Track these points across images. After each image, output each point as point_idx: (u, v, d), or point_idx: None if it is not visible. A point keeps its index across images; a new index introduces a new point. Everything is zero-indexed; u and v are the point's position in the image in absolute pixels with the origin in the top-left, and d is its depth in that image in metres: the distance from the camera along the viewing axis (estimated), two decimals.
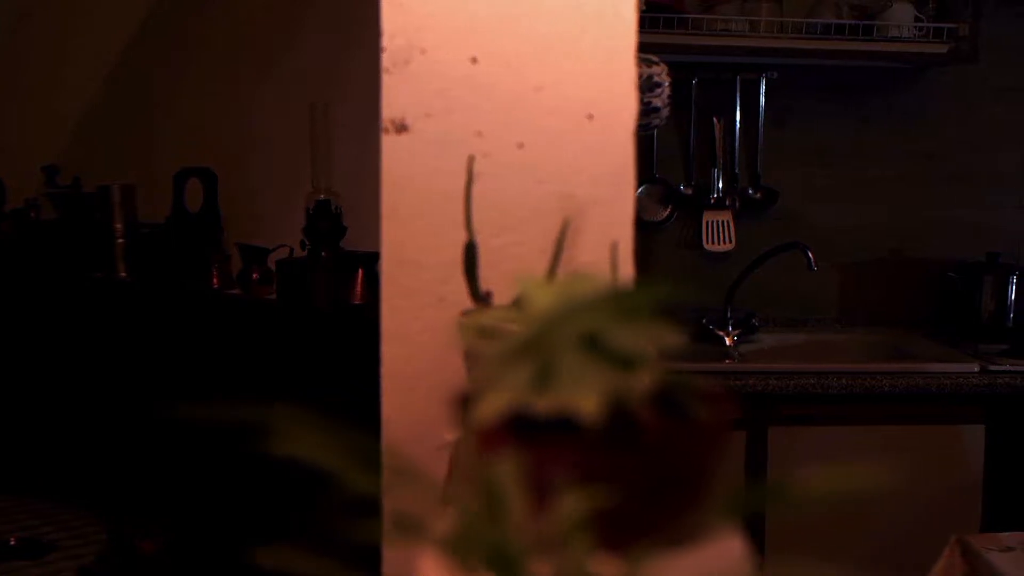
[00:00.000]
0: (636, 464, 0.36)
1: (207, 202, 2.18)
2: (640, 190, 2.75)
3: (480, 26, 0.86)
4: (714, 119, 2.74)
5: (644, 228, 2.77)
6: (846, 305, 2.84)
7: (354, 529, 0.29)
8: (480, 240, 0.88)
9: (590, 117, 0.87)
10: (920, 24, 2.55)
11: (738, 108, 2.74)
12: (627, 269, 0.88)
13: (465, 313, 0.80)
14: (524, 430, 0.35)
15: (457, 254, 0.82)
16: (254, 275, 1.96)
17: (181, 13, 2.32)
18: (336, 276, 1.85)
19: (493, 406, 0.35)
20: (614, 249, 0.80)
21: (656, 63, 1.23)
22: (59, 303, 2.30)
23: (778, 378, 2.30)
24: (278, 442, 0.30)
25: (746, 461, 2.32)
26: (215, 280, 2.03)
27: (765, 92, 2.74)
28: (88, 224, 2.30)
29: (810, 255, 2.55)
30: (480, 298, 0.82)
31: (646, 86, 1.21)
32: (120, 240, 2.24)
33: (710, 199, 2.75)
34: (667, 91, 1.23)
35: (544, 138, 0.87)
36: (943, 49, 2.53)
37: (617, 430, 0.35)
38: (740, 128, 2.75)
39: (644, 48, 2.62)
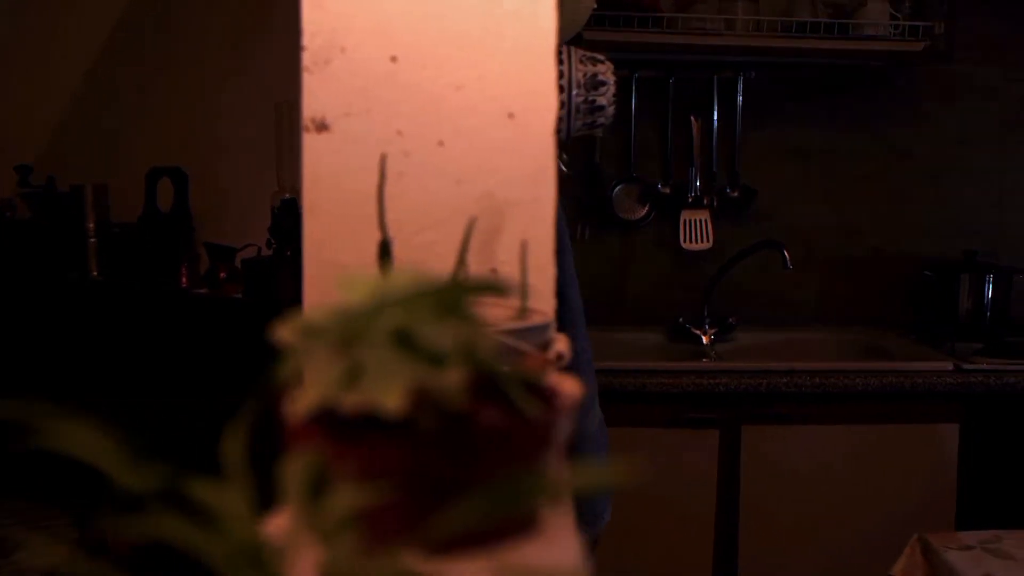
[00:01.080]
0: (437, 459, 0.36)
1: (178, 201, 2.18)
2: (618, 189, 2.75)
3: (400, 25, 0.86)
4: (692, 118, 2.74)
5: (622, 227, 2.77)
6: (824, 304, 2.84)
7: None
8: (401, 239, 0.88)
9: (510, 116, 0.87)
10: (896, 22, 2.55)
11: (716, 107, 2.74)
12: (548, 269, 0.87)
13: None
14: (331, 426, 0.35)
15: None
16: (221, 274, 1.96)
17: (152, 15, 2.32)
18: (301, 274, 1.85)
19: (303, 402, 0.35)
20: (523, 248, 0.80)
21: (602, 62, 1.23)
22: (33, 303, 2.31)
23: (751, 377, 2.30)
24: (42, 437, 0.30)
25: (719, 460, 2.32)
26: (184, 279, 2.04)
27: (743, 91, 2.74)
28: (62, 224, 2.30)
29: (786, 254, 2.54)
30: None
31: (590, 84, 1.22)
32: (93, 240, 2.24)
33: (688, 198, 2.75)
34: (612, 89, 1.23)
35: (464, 137, 0.87)
36: (919, 47, 2.53)
37: (422, 426, 0.35)
38: (718, 127, 2.75)
39: (621, 47, 2.64)
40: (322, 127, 0.87)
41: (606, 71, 1.23)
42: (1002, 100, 2.78)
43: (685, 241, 2.73)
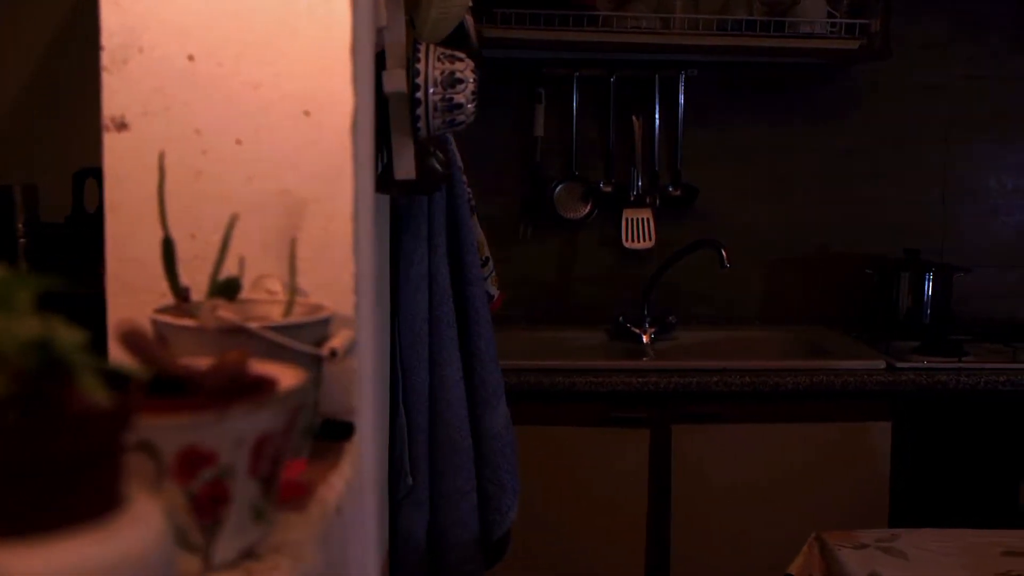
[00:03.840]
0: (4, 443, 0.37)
1: (103, 202, 2.19)
2: (559, 188, 2.75)
3: (196, 24, 0.87)
4: (633, 117, 2.74)
5: (564, 226, 2.77)
6: (768, 303, 2.83)
7: None
8: (201, 236, 0.89)
9: (307, 113, 0.87)
10: (833, 20, 2.54)
11: (657, 106, 2.74)
12: (347, 264, 0.88)
13: (160, 310, 0.80)
14: None
15: (180, 249, 0.83)
16: None
17: (81, 15, 2.32)
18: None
19: None
20: (292, 245, 0.80)
21: (461, 59, 1.23)
22: None
23: (680, 376, 2.29)
24: None
25: (649, 459, 2.32)
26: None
27: (684, 90, 2.73)
28: None
29: (723, 253, 2.54)
30: (179, 293, 0.82)
31: (447, 82, 1.22)
32: (22, 240, 2.25)
33: (630, 197, 2.75)
34: (471, 87, 1.23)
35: (262, 135, 0.87)
36: (855, 45, 2.52)
37: None
38: (660, 126, 2.75)
39: (558, 46, 2.63)
40: (122, 126, 0.88)
41: (465, 69, 1.23)
42: (945, 98, 2.77)
43: (627, 240, 2.73)
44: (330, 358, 0.79)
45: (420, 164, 1.33)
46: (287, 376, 0.66)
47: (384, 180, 1.28)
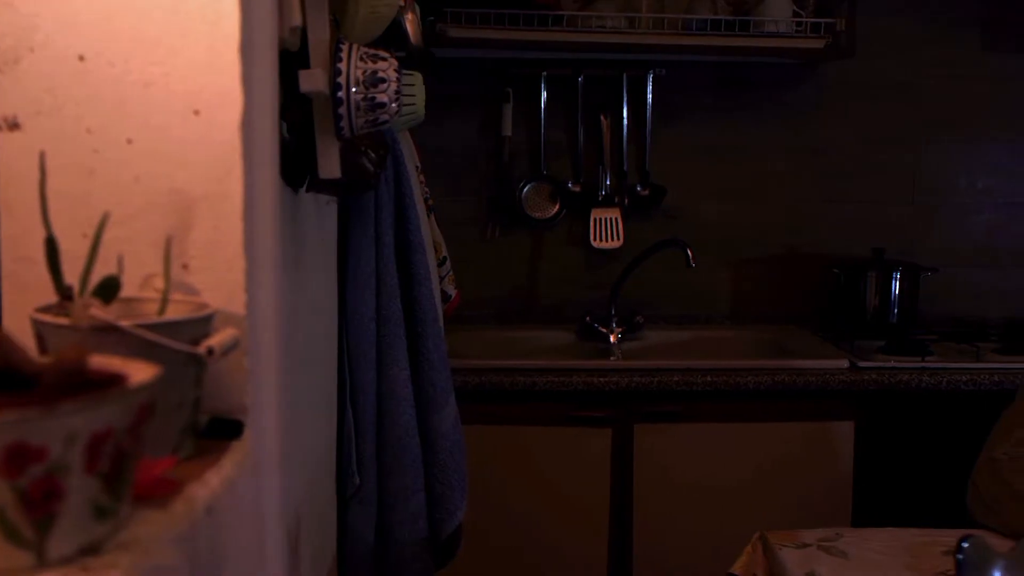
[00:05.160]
0: None
1: None
2: (528, 188, 2.75)
3: (87, 24, 0.87)
4: (601, 116, 2.74)
5: (533, 225, 2.78)
6: (737, 302, 2.83)
7: None
8: (93, 235, 0.89)
9: (196, 113, 0.87)
10: (799, 19, 2.54)
11: (625, 105, 2.74)
12: (237, 262, 0.88)
13: (41, 308, 0.81)
14: None
15: (72, 248, 0.83)
16: None
17: None
18: None
19: None
20: (167, 244, 0.81)
21: (384, 59, 1.23)
22: None
23: (642, 375, 2.30)
24: None
25: (611, 459, 2.32)
26: None
27: (652, 89, 2.73)
28: None
29: (689, 252, 2.54)
30: (63, 292, 0.83)
31: (369, 81, 1.22)
32: None
33: (598, 196, 2.75)
34: (394, 86, 1.23)
35: (153, 134, 0.88)
36: (820, 44, 2.52)
37: None
38: (628, 125, 2.75)
39: (523, 46, 2.64)
40: (14, 126, 0.88)
41: (388, 68, 1.23)
42: (914, 97, 2.77)
43: (596, 240, 2.73)
44: (207, 356, 0.79)
45: (350, 163, 1.34)
46: (140, 372, 0.66)
47: (311, 179, 1.29)
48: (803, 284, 2.80)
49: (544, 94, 2.72)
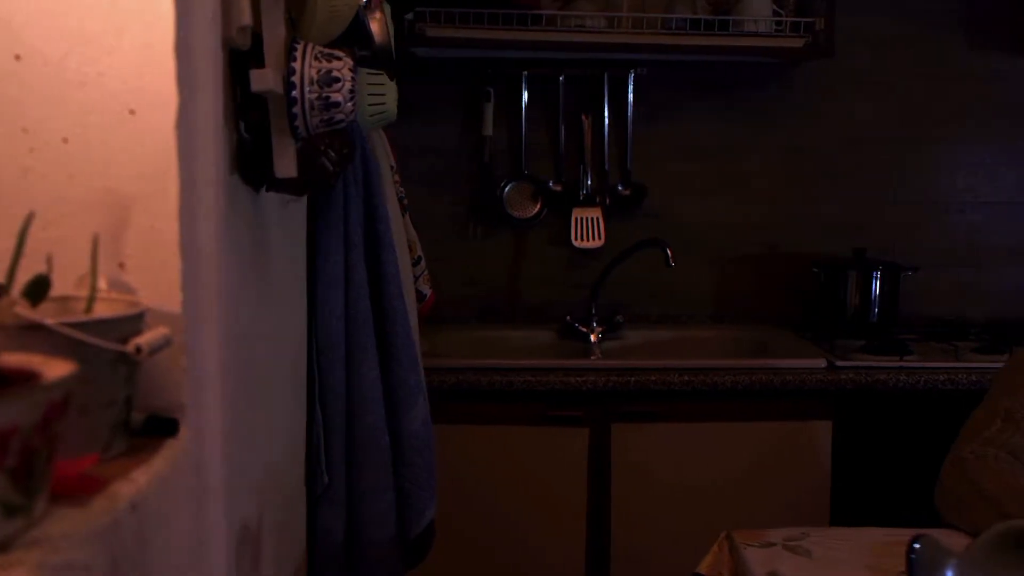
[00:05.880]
0: None
1: None
2: (509, 187, 2.75)
3: (23, 24, 0.87)
4: (583, 116, 2.74)
5: (514, 225, 2.78)
6: (719, 302, 2.83)
7: None
8: (31, 234, 0.89)
9: (132, 112, 0.88)
10: (778, 18, 2.54)
11: (607, 105, 2.73)
12: (173, 261, 0.88)
13: None
14: None
15: (8, 247, 0.84)
16: None
17: None
18: None
19: None
20: (95, 243, 0.81)
21: (339, 58, 1.24)
22: None
23: (619, 375, 2.30)
24: None
25: (589, 458, 2.32)
26: None
27: (634, 89, 2.73)
28: None
29: (668, 251, 2.54)
30: None
31: (323, 80, 1.22)
32: None
33: (579, 196, 2.75)
34: (348, 85, 1.23)
35: (88, 133, 0.88)
36: (800, 44, 2.52)
37: None
38: (610, 125, 2.75)
39: (503, 45, 2.64)
40: None
41: (342, 67, 1.23)
42: (895, 97, 2.77)
43: (577, 239, 2.73)
44: (136, 354, 0.79)
45: (308, 162, 1.34)
46: (55, 370, 0.66)
47: (269, 178, 1.29)
48: (785, 284, 2.80)
49: (525, 94, 2.72)
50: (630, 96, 2.73)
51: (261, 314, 1.36)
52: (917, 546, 1.20)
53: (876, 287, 2.59)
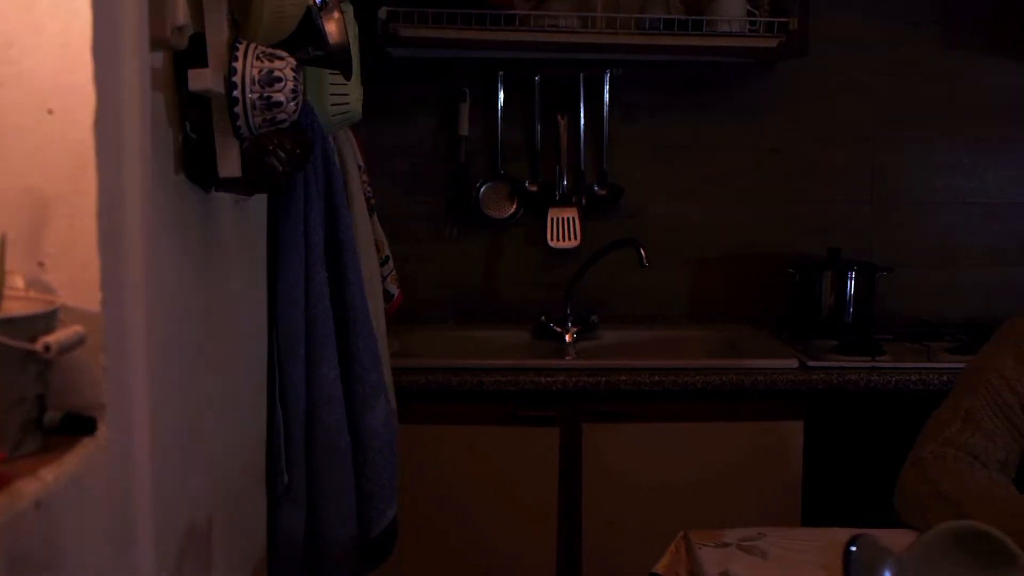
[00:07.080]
0: None
1: None
2: (485, 187, 2.75)
3: None
4: (558, 116, 2.74)
5: (490, 225, 2.78)
6: (696, 302, 2.83)
7: None
8: None
9: (50, 112, 0.88)
10: (752, 18, 2.54)
11: (583, 105, 2.73)
12: (92, 261, 0.88)
13: None
14: None
15: None
16: None
17: None
18: None
19: None
20: (2, 241, 0.81)
21: (281, 58, 1.24)
22: None
23: (589, 375, 2.29)
24: None
25: (560, 458, 2.32)
26: None
27: (610, 89, 2.73)
28: None
29: (641, 251, 2.54)
30: None
31: (265, 80, 1.22)
32: None
33: (556, 196, 2.75)
34: (291, 85, 1.23)
35: (6, 133, 0.88)
36: (774, 43, 2.52)
37: None
38: (586, 125, 2.75)
39: (478, 45, 2.64)
40: None
41: (284, 67, 1.23)
42: (871, 97, 2.77)
43: (553, 240, 2.73)
44: (44, 352, 0.79)
45: (255, 162, 1.34)
46: None
47: (216, 178, 1.29)
48: (762, 284, 2.80)
49: (501, 94, 2.72)
50: (606, 96, 2.73)
51: (212, 312, 1.36)
52: (853, 549, 1.20)
53: (851, 287, 2.59)
